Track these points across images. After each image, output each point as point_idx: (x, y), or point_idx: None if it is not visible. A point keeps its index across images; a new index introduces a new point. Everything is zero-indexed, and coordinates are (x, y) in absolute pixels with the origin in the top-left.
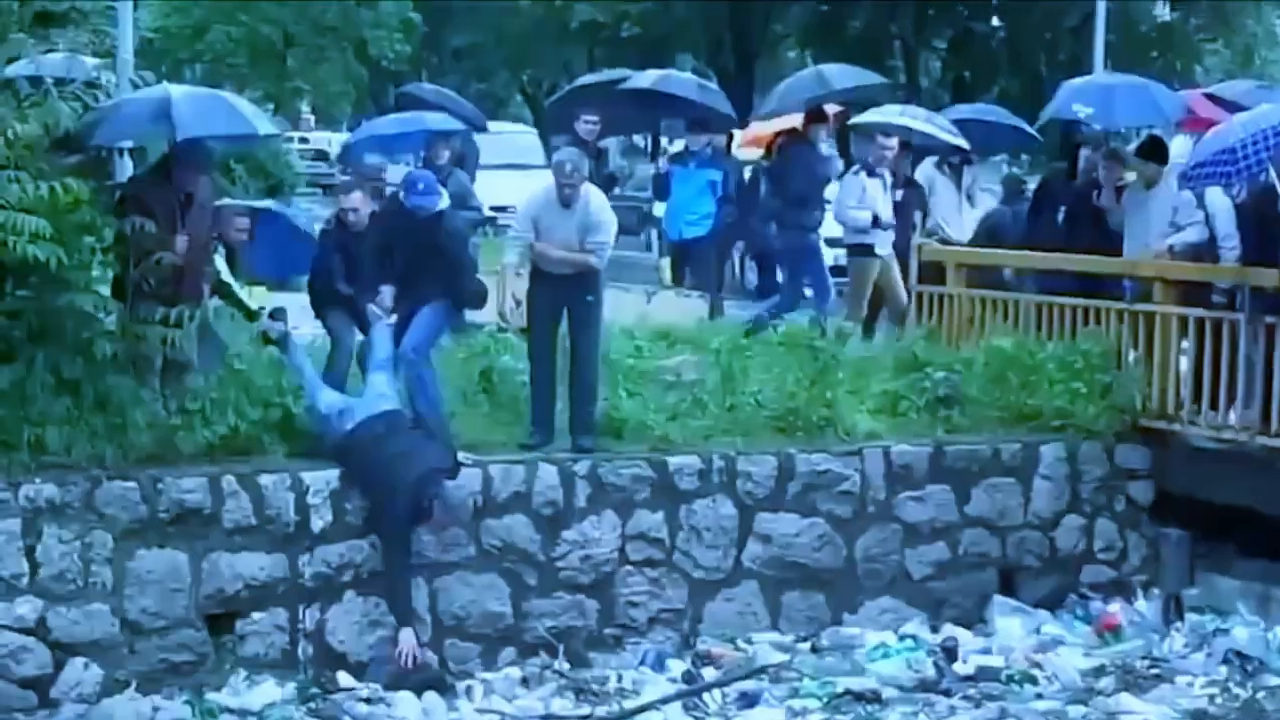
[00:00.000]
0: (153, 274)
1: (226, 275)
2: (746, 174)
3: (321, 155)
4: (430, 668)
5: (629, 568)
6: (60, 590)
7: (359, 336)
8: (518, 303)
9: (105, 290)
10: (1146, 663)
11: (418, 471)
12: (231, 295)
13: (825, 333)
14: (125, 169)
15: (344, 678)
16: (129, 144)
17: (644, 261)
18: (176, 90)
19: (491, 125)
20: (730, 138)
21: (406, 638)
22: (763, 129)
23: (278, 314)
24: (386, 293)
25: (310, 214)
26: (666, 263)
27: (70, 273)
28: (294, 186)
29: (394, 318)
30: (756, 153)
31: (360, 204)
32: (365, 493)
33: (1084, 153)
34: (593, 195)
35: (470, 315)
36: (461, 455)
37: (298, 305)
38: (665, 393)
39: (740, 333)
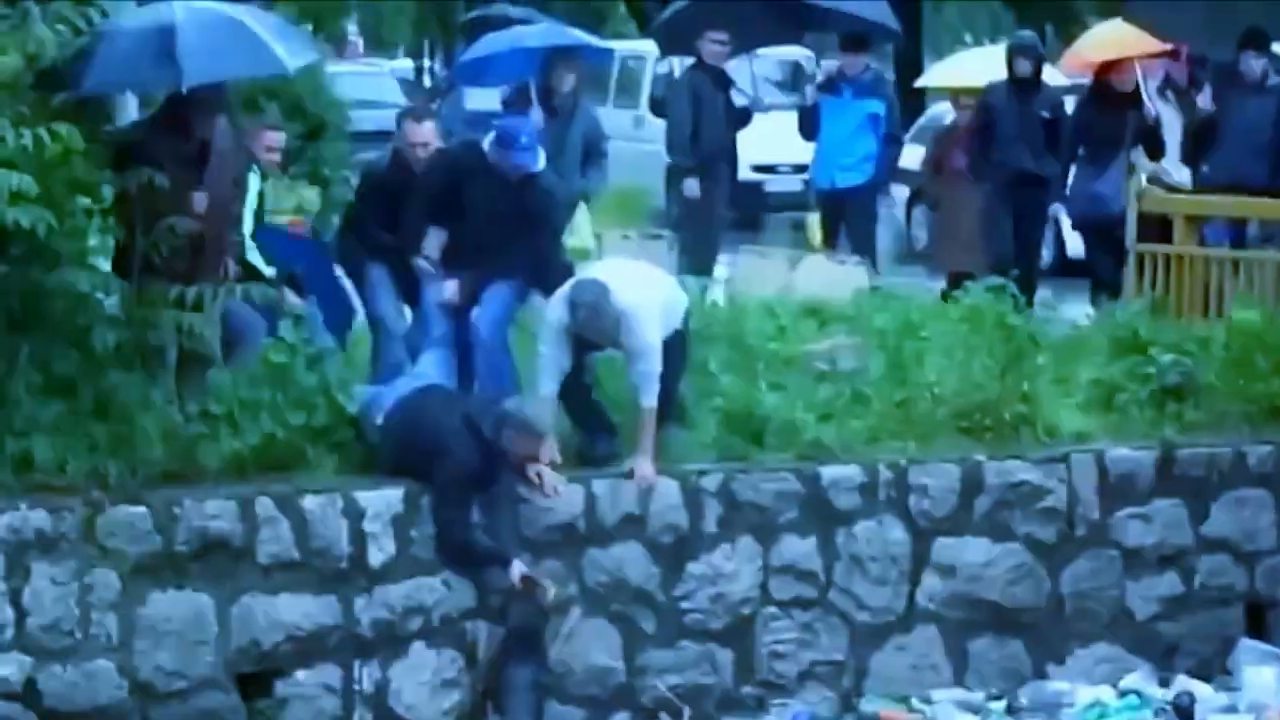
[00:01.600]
0: (165, 243)
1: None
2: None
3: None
4: (556, 594)
5: (773, 609)
6: (53, 644)
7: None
8: None
9: (105, 265)
10: None
11: (463, 410)
12: (255, 270)
13: (1022, 305)
14: (128, 110)
15: None
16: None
17: (786, 219)
18: (182, 9)
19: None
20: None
21: (515, 569)
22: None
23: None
24: (434, 240)
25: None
26: (815, 219)
27: (61, 242)
28: (342, 130)
29: (450, 293)
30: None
31: (432, 139)
32: (414, 476)
33: None
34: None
35: None
36: (552, 475)
37: None
38: (817, 385)
39: (911, 310)
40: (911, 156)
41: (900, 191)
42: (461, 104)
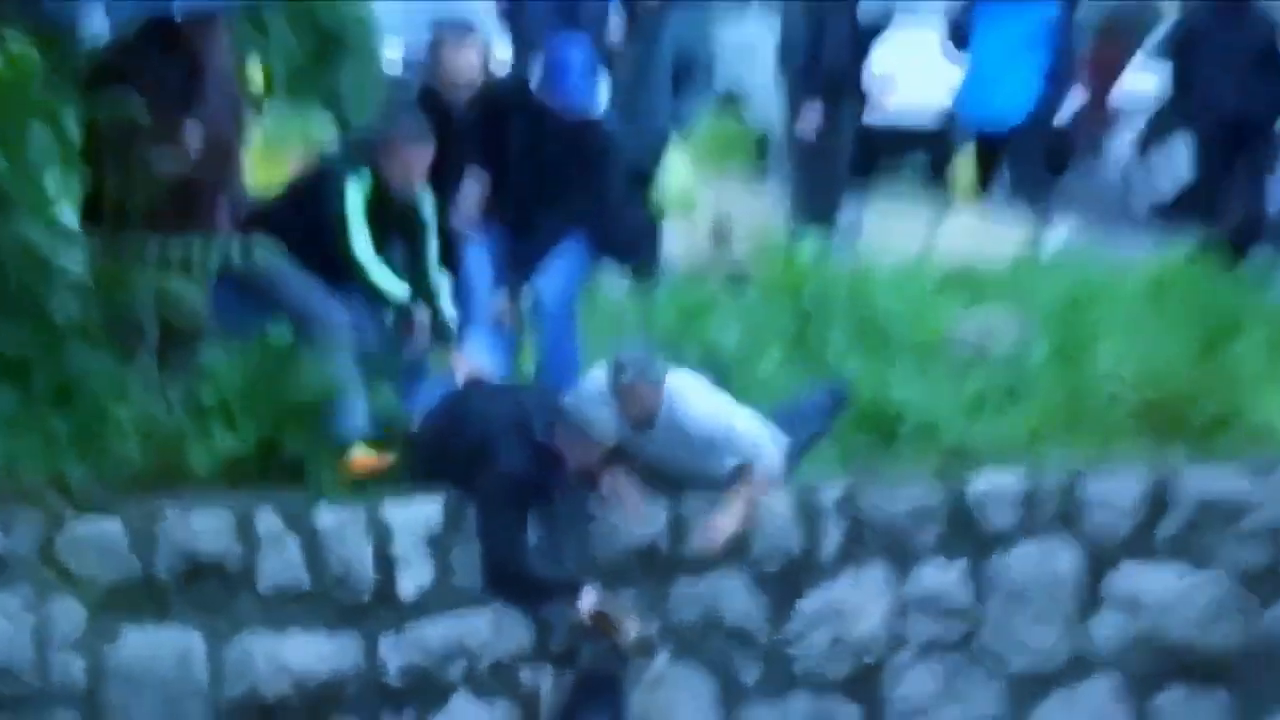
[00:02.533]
0: (145, 189)
1: None
2: None
3: None
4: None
5: (907, 655)
6: (4, 691)
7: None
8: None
9: (69, 216)
10: None
11: (514, 406)
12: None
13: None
14: (99, 22)
15: None
16: None
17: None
18: None
19: None
20: None
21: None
22: None
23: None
24: (471, 194)
25: None
26: (964, 163)
27: (13, 187)
28: (368, 49)
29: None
30: None
31: (475, 70)
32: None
33: None
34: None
35: None
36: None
37: None
38: (964, 373)
39: (1084, 279)
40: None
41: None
42: None
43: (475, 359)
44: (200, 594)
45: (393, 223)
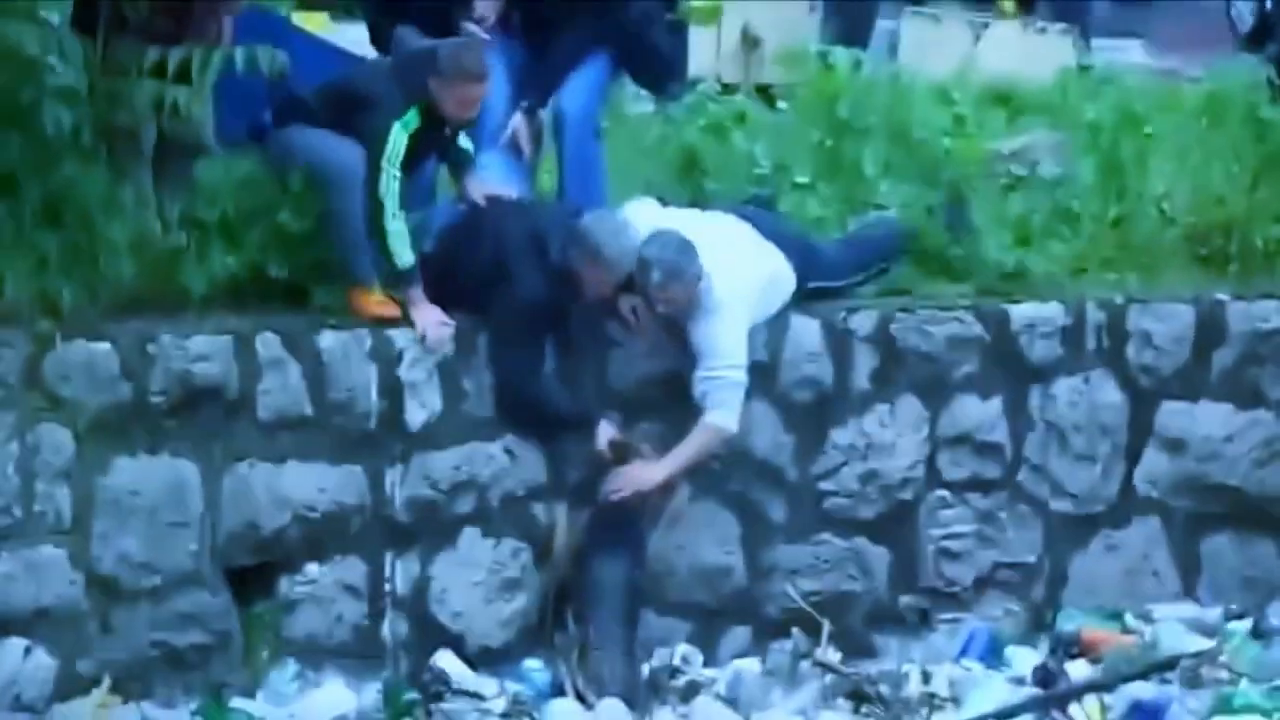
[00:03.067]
0: None
1: None
2: None
3: None
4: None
5: (943, 493)
6: None
7: None
8: None
9: (56, 18)
10: None
11: (531, 224)
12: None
13: None
14: None
15: (459, 671)
16: None
17: None
18: None
19: None
20: None
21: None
22: None
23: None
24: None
25: None
26: None
27: None
28: None
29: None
30: None
31: None
32: (469, 311)
33: None
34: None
35: None
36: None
37: None
38: (1005, 196)
39: (1133, 97)
40: None
41: None
42: None
43: (492, 180)
44: (195, 421)
45: (431, 148)
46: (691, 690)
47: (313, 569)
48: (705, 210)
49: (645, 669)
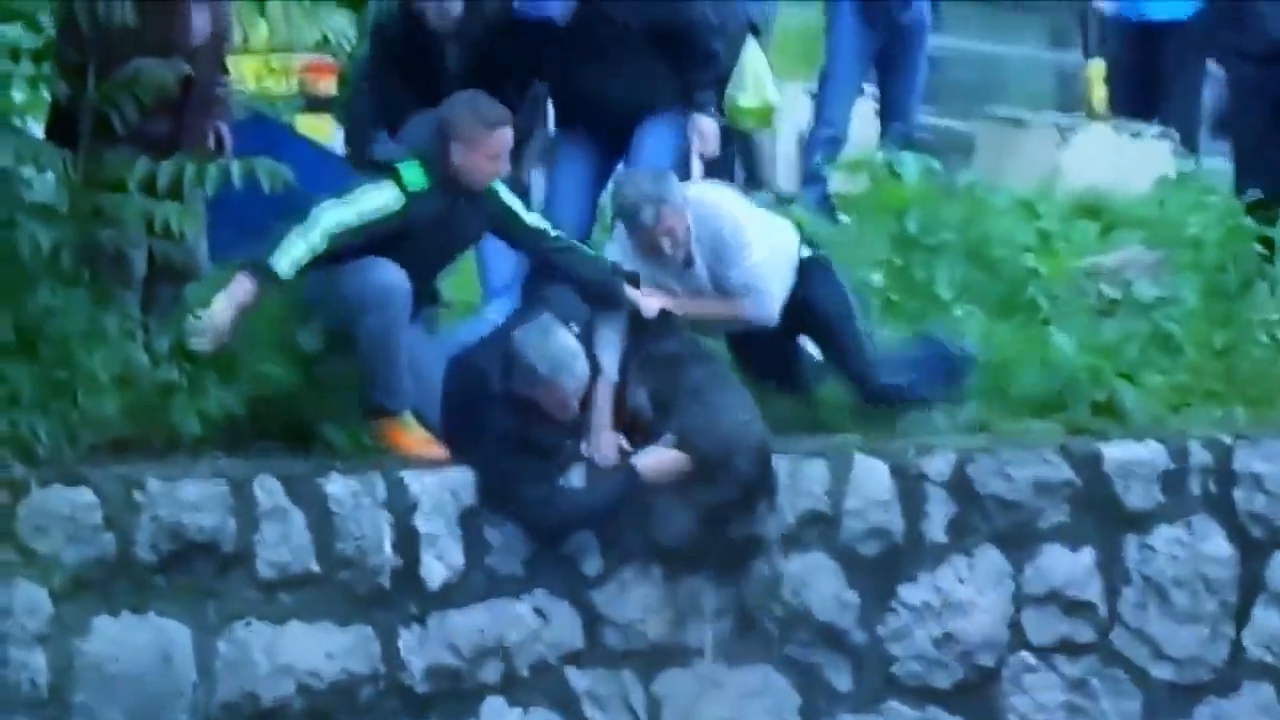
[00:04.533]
0: (130, 95)
1: None
2: None
3: None
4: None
5: (1028, 657)
6: None
7: None
8: None
9: (36, 129)
10: None
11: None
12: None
13: None
14: None
15: None
16: None
17: (1060, 66)
18: None
19: None
20: None
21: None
22: None
23: None
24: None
25: None
26: (1099, 68)
27: None
28: None
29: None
30: None
31: None
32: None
33: None
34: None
35: None
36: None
37: None
38: (1098, 320)
39: (1240, 209)
40: None
41: None
42: None
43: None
44: (187, 578)
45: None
46: None
47: None
48: None
49: None
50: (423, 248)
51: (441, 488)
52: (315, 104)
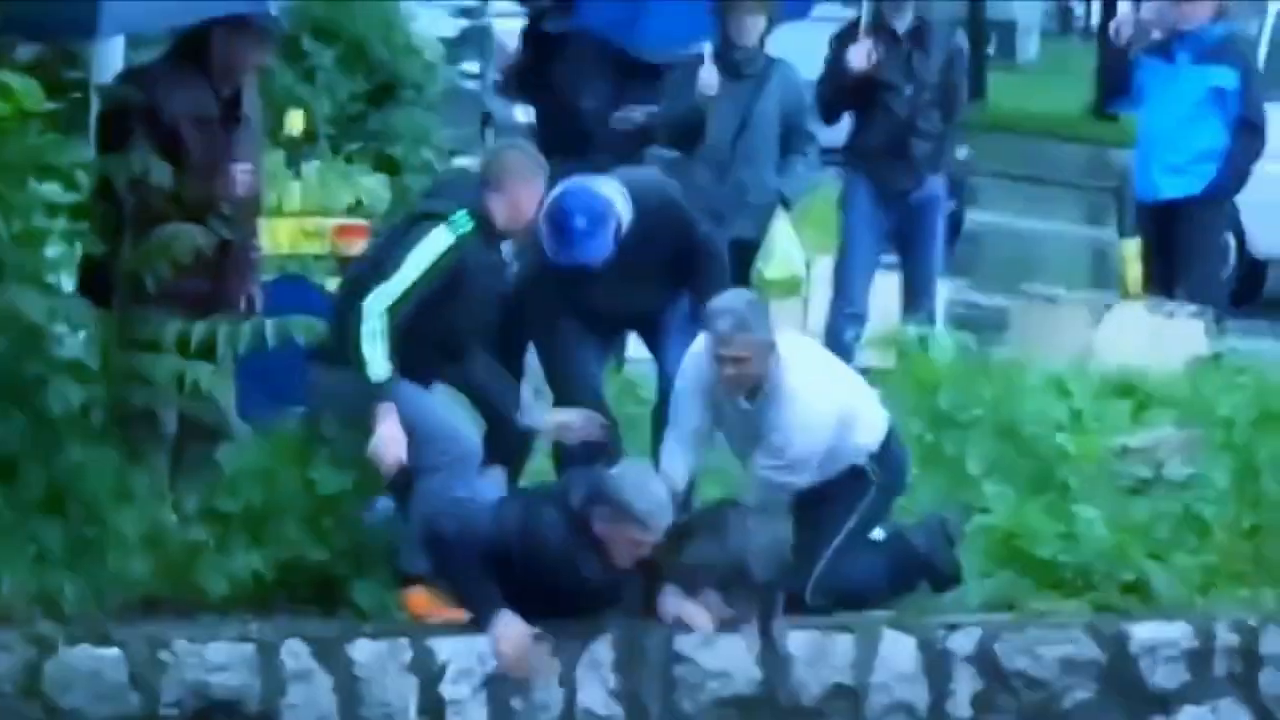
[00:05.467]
0: (164, 258)
1: None
2: None
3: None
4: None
5: None
6: None
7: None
8: None
9: (68, 285)
10: None
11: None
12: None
13: None
14: (112, 57)
15: None
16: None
17: (1094, 245)
18: None
19: None
20: None
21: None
22: None
23: None
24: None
25: None
26: (1133, 247)
27: (7, 250)
28: (423, 91)
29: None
30: None
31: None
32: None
33: None
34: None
35: None
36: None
37: None
38: (1128, 501)
39: (1273, 390)
40: None
41: None
42: None
43: None
44: None
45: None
46: None
47: None
48: None
49: None
50: (474, 294)
51: (468, 653)
52: (348, 265)
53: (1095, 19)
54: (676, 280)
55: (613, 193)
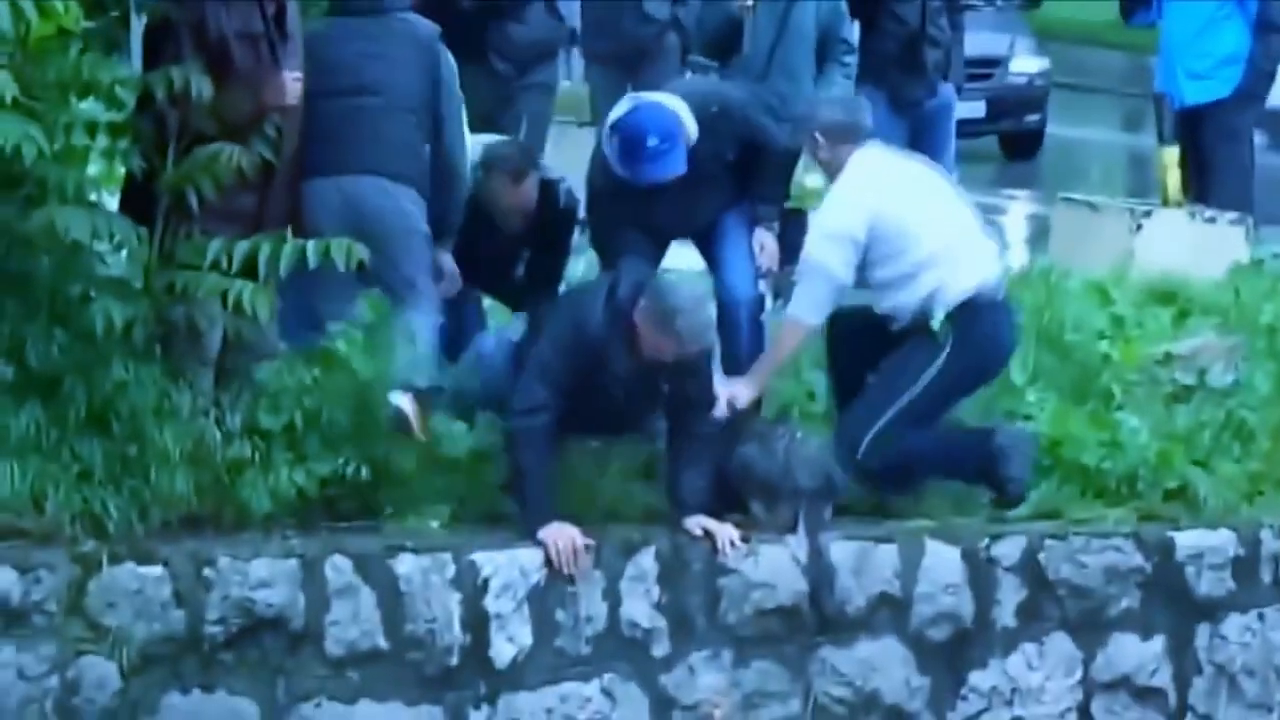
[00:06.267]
0: (210, 175)
1: None
2: None
3: None
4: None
5: None
6: None
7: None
8: None
9: (112, 204)
10: None
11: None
12: None
13: None
14: None
15: None
16: None
17: (1132, 153)
18: None
19: None
20: None
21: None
22: None
23: None
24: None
25: None
26: (1172, 154)
27: (49, 168)
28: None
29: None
30: None
31: (530, 202)
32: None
33: None
34: None
35: None
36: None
37: None
38: (1172, 408)
39: None
40: None
41: None
42: None
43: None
44: (256, 655)
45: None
46: None
47: None
48: None
49: None
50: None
51: (511, 567)
52: None
53: None
54: (740, 185)
55: (679, 107)
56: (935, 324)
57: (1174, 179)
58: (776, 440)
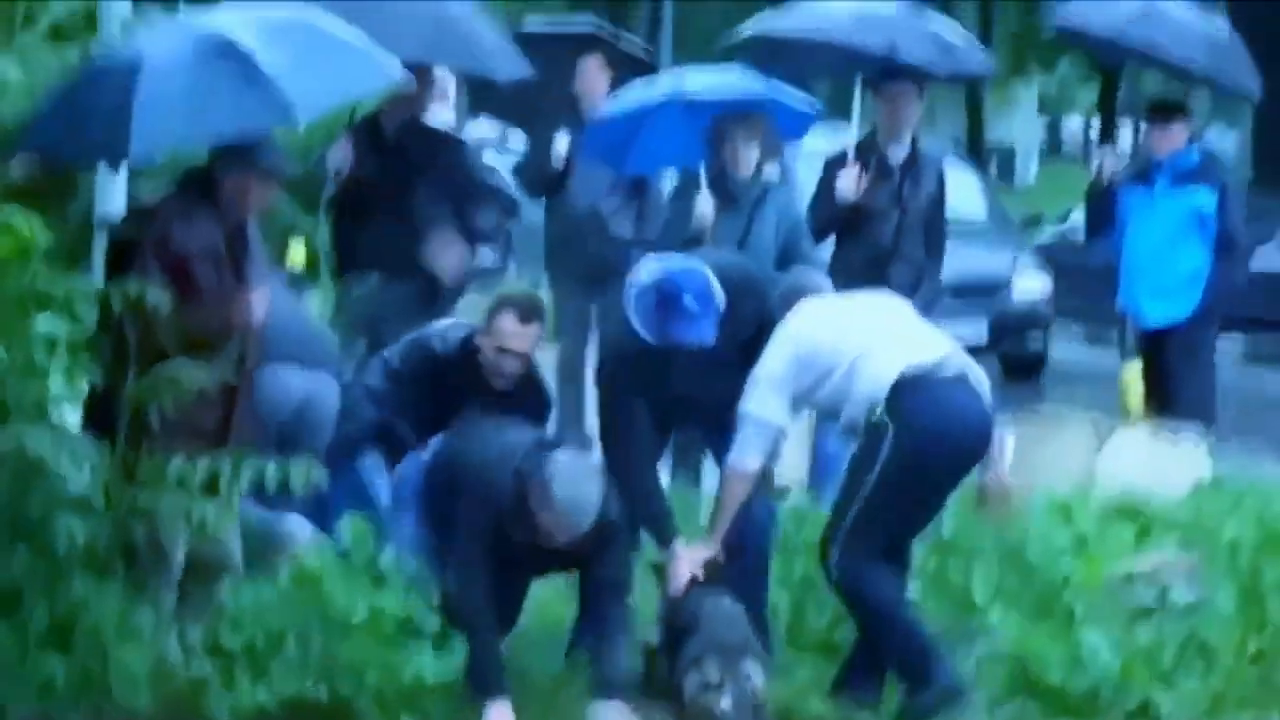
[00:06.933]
0: (172, 392)
1: None
2: None
3: None
4: None
5: None
6: None
7: None
8: None
9: (74, 419)
10: None
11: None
12: None
13: None
14: (114, 188)
15: None
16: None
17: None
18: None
19: None
20: None
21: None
22: None
23: None
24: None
25: None
26: (1133, 370)
27: (12, 386)
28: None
29: None
30: None
31: (532, 348)
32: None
33: None
34: None
35: None
36: None
37: None
38: (1134, 625)
39: (1275, 509)
40: None
41: None
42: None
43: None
44: None
45: None
46: None
47: None
48: None
49: None
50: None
51: None
52: None
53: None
54: (748, 365)
55: (709, 273)
56: (875, 416)
57: (1136, 394)
58: (693, 600)
